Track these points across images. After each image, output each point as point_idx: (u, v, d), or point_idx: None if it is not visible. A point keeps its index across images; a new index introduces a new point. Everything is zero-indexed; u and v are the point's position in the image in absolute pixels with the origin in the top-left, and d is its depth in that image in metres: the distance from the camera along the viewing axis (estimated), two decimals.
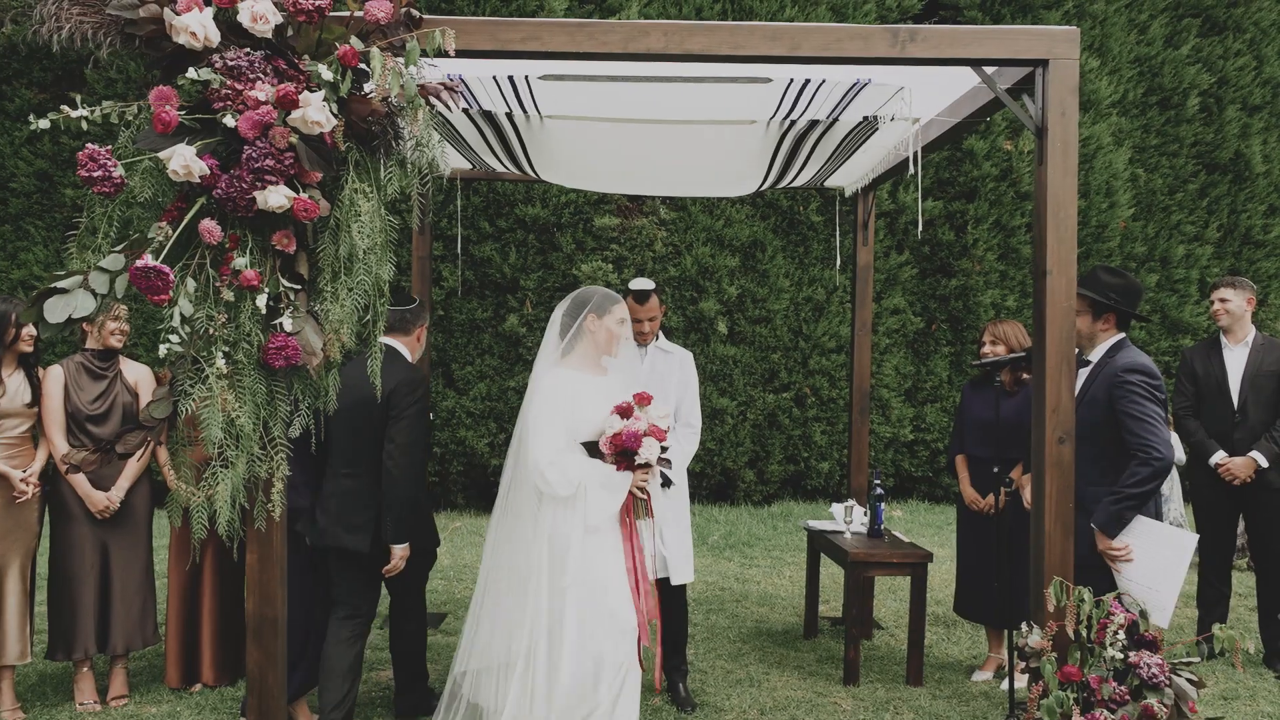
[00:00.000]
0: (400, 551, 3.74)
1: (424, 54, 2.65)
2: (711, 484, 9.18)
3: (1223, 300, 5.04)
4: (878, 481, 4.95)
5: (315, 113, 2.56)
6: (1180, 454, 7.49)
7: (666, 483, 4.20)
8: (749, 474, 9.18)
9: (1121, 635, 2.86)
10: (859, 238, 5.60)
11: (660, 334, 4.43)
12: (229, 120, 2.48)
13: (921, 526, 8.57)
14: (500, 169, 4.99)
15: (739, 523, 8.47)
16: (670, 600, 4.31)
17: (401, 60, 2.64)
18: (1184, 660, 3.00)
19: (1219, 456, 4.94)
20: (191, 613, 4.45)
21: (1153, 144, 9.78)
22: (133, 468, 4.27)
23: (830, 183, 5.30)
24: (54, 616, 4.21)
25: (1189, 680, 2.95)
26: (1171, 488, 7.54)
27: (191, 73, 2.45)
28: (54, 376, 4.17)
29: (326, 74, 2.51)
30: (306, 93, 2.56)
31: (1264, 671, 4.85)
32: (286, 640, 3.64)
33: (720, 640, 5.25)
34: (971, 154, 9.23)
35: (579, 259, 8.69)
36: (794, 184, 5.02)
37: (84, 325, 4.28)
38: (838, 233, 5.69)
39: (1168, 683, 2.90)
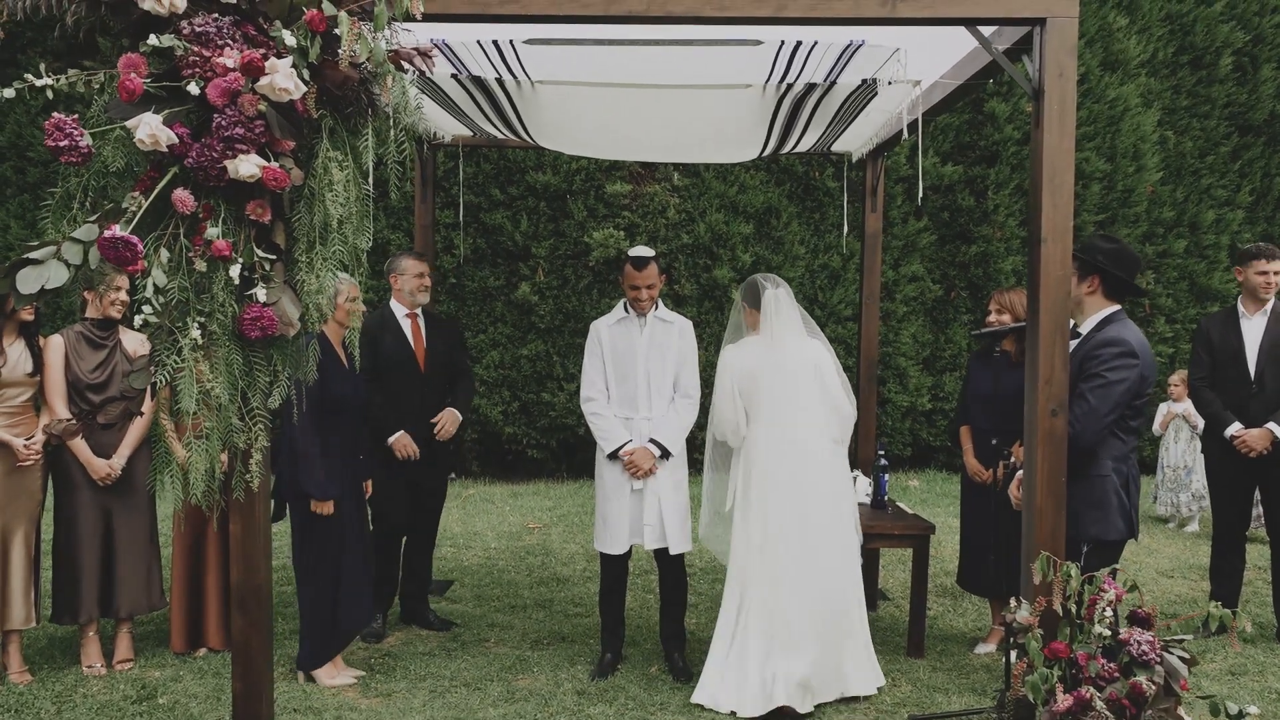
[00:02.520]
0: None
1: (392, 19, 2.59)
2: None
3: (1262, 273, 4.83)
4: (882, 452, 4.90)
5: (283, 79, 2.52)
6: (1200, 423, 7.35)
7: (665, 453, 4.19)
8: None
9: (1110, 612, 2.80)
10: (868, 204, 5.48)
11: (659, 303, 4.39)
12: (193, 87, 2.44)
13: (938, 496, 8.50)
14: (499, 135, 4.93)
15: None
16: (668, 570, 4.30)
17: (370, 25, 2.58)
18: (1176, 638, 2.94)
19: (1235, 428, 4.80)
20: (196, 578, 4.51)
21: (1183, 105, 9.50)
22: (134, 435, 4.31)
23: (836, 148, 5.19)
24: (59, 582, 4.28)
25: (1181, 657, 2.88)
26: (1195, 459, 7.42)
27: (153, 39, 2.41)
28: (54, 346, 4.21)
29: (290, 39, 2.47)
30: (274, 59, 2.52)
31: (1275, 646, 4.76)
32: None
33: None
34: (993, 117, 9.01)
35: (590, 226, 8.62)
36: (797, 149, 4.91)
37: (85, 294, 4.31)
38: (845, 199, 5.58)
39: (1158, 660, 2.84)
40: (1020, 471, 3.51)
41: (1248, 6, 9.49)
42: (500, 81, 3.86)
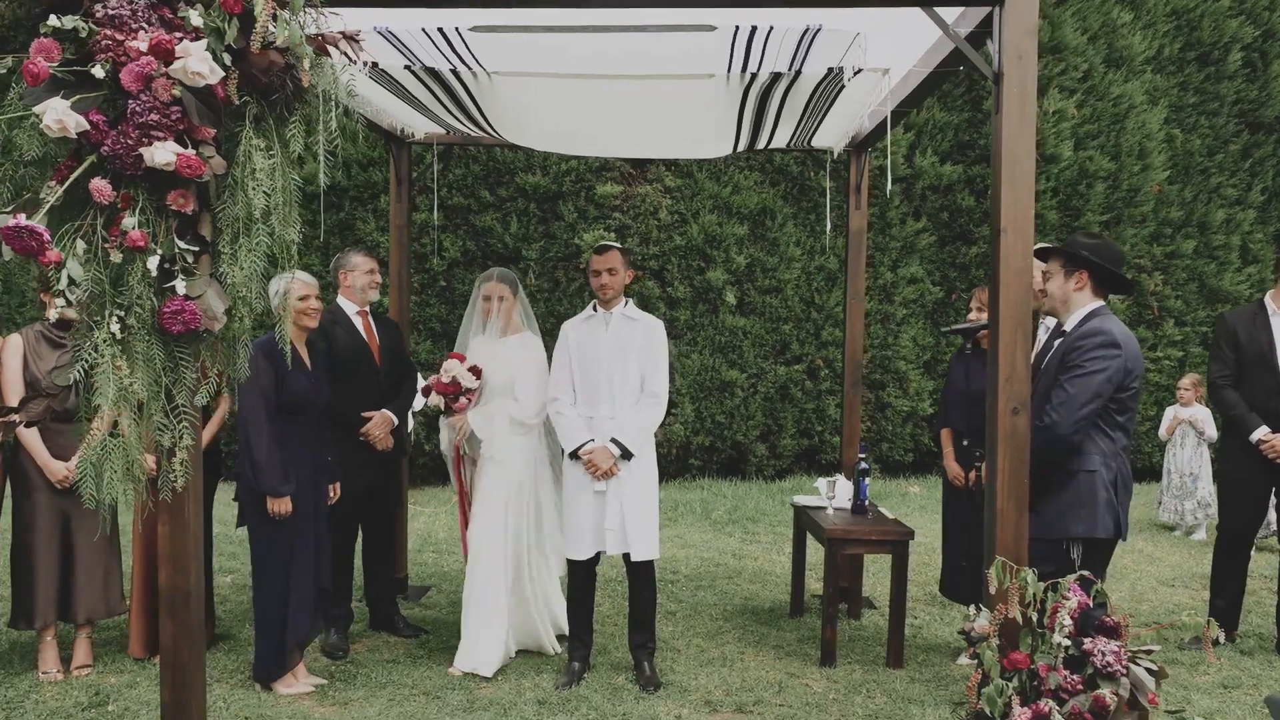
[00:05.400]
0: None
1: (309, 2, 2.49)
2: (721, 458, 9.01)
3: None
4: (863, 455, 4.76)
5: (196, 63, 2.43)
6: (1212, 431, 7.12)
7: (626, 454, 4.07)
8: (760, 448, 8.99)
9: (1069, 621, 2.65)
10: (851, 201, 5.34)
11: (629, 301, 4.27)
12: (98, 70, 2.36)
13: (938, 504, 8.29)
14: (466, 130, 4.83)
15: (746, 498, 8.30)
16: (634, 576, 4.18)
17: (287, 8, 2.49)
18: (1145, 647, 2.78)
19: (1261, 432, 4.54)
20: (155, 583, 4.42)
21: (1190, 102, 9.29)
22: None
23: (816, 143, 5.05)
24: (15, 587, 4.21)
25: (1148, 670, 2.73)
26: (1202, 466, 7.22)
27: (53, 20, 2.32)
28: (13, 346, 4.14)
29: (196, 19, 2.37)
30: (187, 42, 2.43)
31: (1273, 658, 4.57)
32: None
33: (702, 618, 5.11)
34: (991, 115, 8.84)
35: (581, 228, 8.52)
36: (773, 144, 4.78)
37: (42, 296, 4.25)
38: (828, 197, 5.45)
39: (1124, 672, 2.69)
40: None
41: (1257, 1, 9.27)
42: (456, 73, 3.76)
